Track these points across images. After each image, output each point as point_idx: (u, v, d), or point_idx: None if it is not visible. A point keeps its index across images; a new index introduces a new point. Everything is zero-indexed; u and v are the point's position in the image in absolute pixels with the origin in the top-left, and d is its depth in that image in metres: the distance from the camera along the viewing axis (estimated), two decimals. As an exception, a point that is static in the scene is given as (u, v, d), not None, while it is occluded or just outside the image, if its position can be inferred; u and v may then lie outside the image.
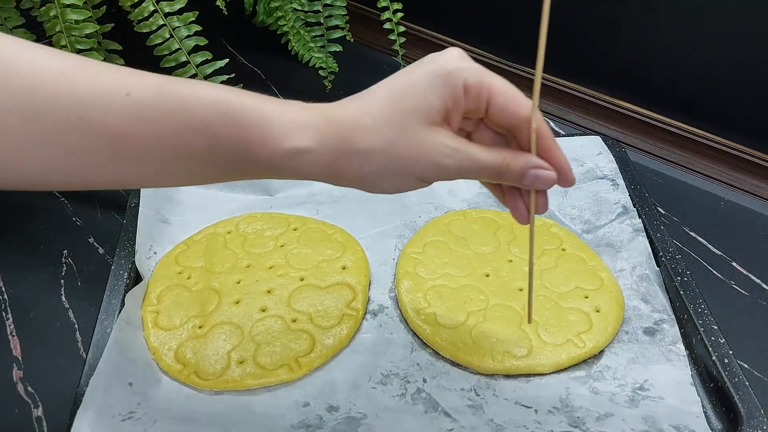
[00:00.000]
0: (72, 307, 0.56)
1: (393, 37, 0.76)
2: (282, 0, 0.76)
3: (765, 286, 0.58)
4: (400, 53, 0.77)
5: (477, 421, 0.45)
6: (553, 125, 0.77)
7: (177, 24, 0.63)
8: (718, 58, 0.66)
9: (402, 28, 0.76)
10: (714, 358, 0.47)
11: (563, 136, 0.67)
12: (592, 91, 0.76)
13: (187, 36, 0.64)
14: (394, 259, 0.58)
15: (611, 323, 0.51)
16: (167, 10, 0.63)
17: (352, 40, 0.82)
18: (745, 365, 0.51)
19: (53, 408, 0.49)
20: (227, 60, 0.66)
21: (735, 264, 0.60)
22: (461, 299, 0.53)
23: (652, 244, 0.56)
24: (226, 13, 0.69)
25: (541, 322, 0.51)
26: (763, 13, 0.61)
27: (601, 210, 0.61)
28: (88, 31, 0.62)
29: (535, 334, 0.50)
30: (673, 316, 0.51)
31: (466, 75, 0.36)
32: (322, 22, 0.80)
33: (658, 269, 0.55)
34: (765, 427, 0.43)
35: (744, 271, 0.59)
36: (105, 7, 0.64)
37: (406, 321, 0.52)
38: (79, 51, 0.62)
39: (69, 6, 0.61)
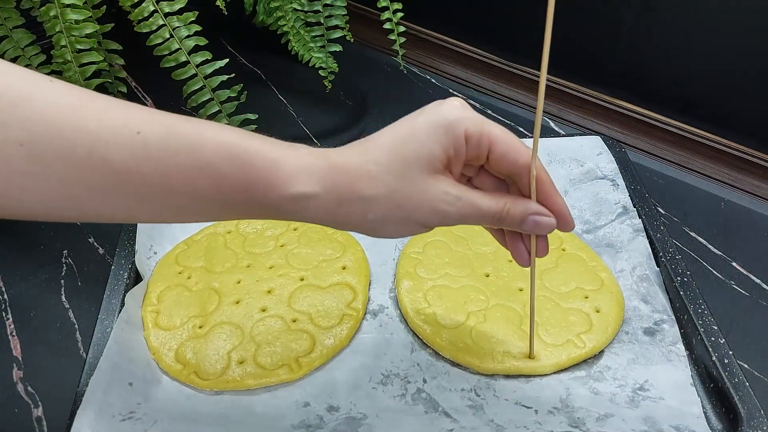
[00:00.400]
0: (72, 307, 0.56)
1: (393, 37, 0.76)
2: (282, 0, 0.76)
3: (765, 286, 0.58)
4: (400, 53, 0.77)
5: (477, 421, 0.45)
6: (553, 125, 0.77)
7: (177, 24, 0.63)
8: (718, 58, 0.66)
9: (402, 28, 0.76)
10: (714, 358, 0.47)
11: (563, 136, 0.67)
12: (592, 91, 0.76)
13: (187, 36, 0.64)
14: (394, 259, 0.58)
15: (611, 323, 0.51)
16: (167, 10, 0.63)
17: (352, 40, 0.82)
18: (745, 365, 0.51)
19: (53, 408, 0.49)
20: (227, 60, 0.66)
21: (735, 264, 0.60)
22: (461, 299, 0.53)
23: (652, 244, 0.56)
24: (226, 13, 0.69)
25: (541, 323, 0.51)
26: (763, 13, 0.61)
27: (601, 210, 0.61)
28: (88, 31, 0.62)
29: (535, 334, 0.50)
30: (673, 317, 0.51)
31: (467, 125, 0.37)
32: (322, 22, 0.80)
33: (658, 269, 0.55)
34: (765, 427, 0.43)
35: (744, 271, 0.59)
36: (105, 7, 0.64)
37: (406, 321, 0.52)
38: (79, 51, 0.62)
39: (69, 6, 0.60)
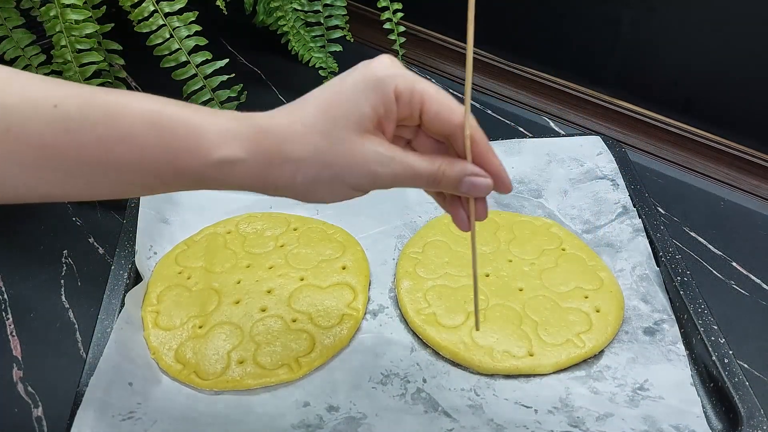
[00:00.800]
0: (72, 307, 0.56)
1: (393, 37, 0.77)
2: (282, 0, 0.76)
3: (765, 286, 0.58)
4: (400, 53, 0.77)
5: (477, 421, 0.45)
6: (553, 125, 0.77)
7: (177, 24, 0.63)
8: (718, 58, 0.66)
9: (402, 28, 0.76)
10: (714, 358, 0.47)
11: (563, 136, 0.67)
12: (592, 91, 0.76)
13: (187, 36, 0.64)
14: (394, 259, 0.58)
15: (611, 323, 0.51)
16: (167, 10, 0.63)
17: (352, 40, 0.82)
18: (745, 365, 0.51)
19: (53, 408, 0.49)
20: (227, 60, 0.66)
21: (735, 264, 0.60)
22: (461, 299, 0.53)
23: (652, 244, 0.56)
24: (226, 13, 0.69)
25: (541, 322, 0.51)
26: (763, 13, 0.61)
27: (601, 210, 0.61)
28: (88, 31, 0.62)
29: (535, 334, 0.50)
30: (673, 316, 0.51)
31: (397, 82, 0.35)
32: (322, 22, 0.80)
33: (658, 269, 0.55)
34: (765, 427, 0.43)
35: (744, 271, 0.59)
36: (105, 7, 0.64)
37: (406, 321, 0.52)
38: (79, 51, 0.62)
39: (69, 6, 0.61)
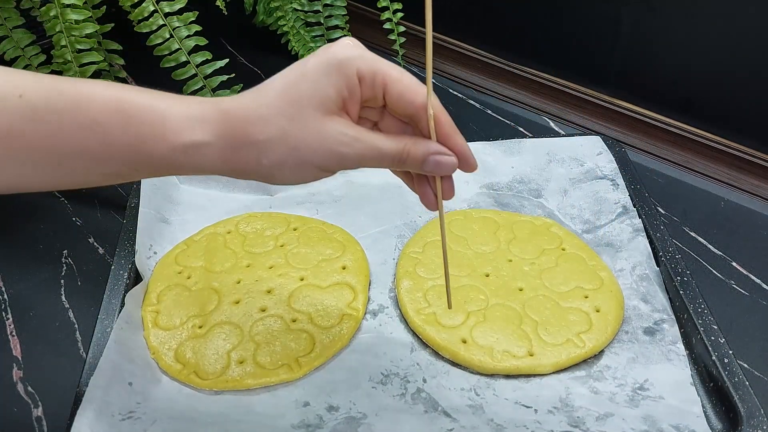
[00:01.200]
0: (72, 307, 0.56)
1: (393, 37, 0.77)
2: (282, 0, 0.76)
3: (765, 286, 0.58)
4: (400, 53, 0.77)
5: (477, 420, 0.45)
6: (553, 125, 0.77)
7: (177, 24, 0.63)
8: (718, 58, 0.66)
9: (402, 28, 0.76)
10: (714, 357, 0.47)
11: (563, 136, 0.67)
12: (592, 91, 0.76)
13: (187, 36, 0.64)
14: (394, 258, 0.58)
15: (611, 323, 0.51)
16: (167, 10, 0.63)
17: (352, 40, 0.82)
18: (745, 365, 0.51)
19: (53, 408, 0.49)
20: (227, 60, 0.66)
21: (735, 264, 0.60)
22: (461, 299, 0.53)
23: (652, 244, 0.56)
24: (226, 13, 0.69)
25: (541, 322, 0.51)
26: (763, 13, 0.61)
27: (601, 210, 0.61)
28: (88, 31, 0.62)
29: (535, 334, 0.50)
30: (673, 316, 0.51)
31: (359, 64, 0.36)
32: (322, 22, 0.80)
33: (658, 269, 0.55)
34: (765, 427, 0.43)
35: (744, 271, 0.59)
36: (105, 7, 0.64)
37: (406, 321, 0.52)
38: (79, 51, 0.62)
39: (69, 6, 0.61)
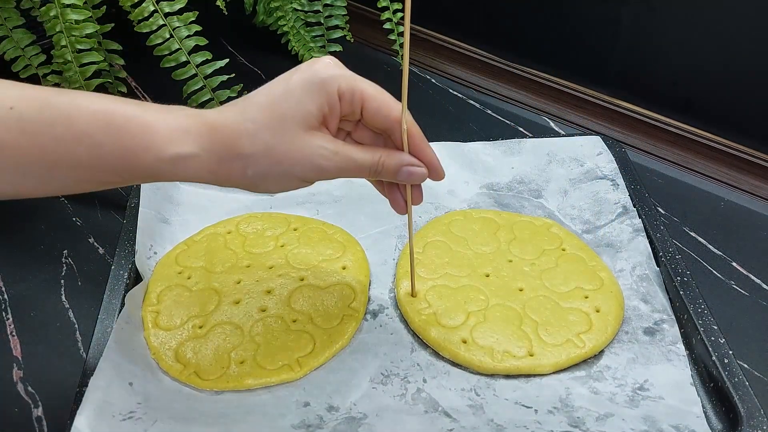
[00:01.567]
0: (72, 307, 0.56)
1: (393, 37, 0.77)
2: (282, 0, 0.76)
3: (765, 286, 0.58)
4: (400, 53, 0.77)
5: (477, 421, 0.45)
6: (553, 125, 0.77)
7: (177, 24, 0.64)
8: (718, 58, 0.66)
9: (402, 28, 0.76)
10: (714, 358, 0.47)
11: (563, 136, 0.67)
12: (592, 91, 0.76)
13: (187, 36, 0.64)
14: (394, 259, 0.58)
15: (611, 323, 0.51)
16: (167, 10, 0.63)
17: (352, 40, 0.82)
18: (745, 365, 0.51)
19: (53, 408, 0.49)
20: (227, 60, 0.66)
21: (735, 264, 0.60)
22: (461, 299, 0.53)
23: (652, 244, 0.56)
24: (226, 13, 0.69)
25: (541, 322, 0.51)
26: (762, 13, 0.62)
27: (601, 210, 0.61)
28: (88, 31, 0.62)
29: (535, 334, 0.50)
30: (673, 316, 0.51)
31: (340, 82, 0.39)
32: (322, 22, 0.80)
33: (658, 269, 0.55)
34: (765, 427, 0.43)
35: (744, 271, 0.59)
36: (105, 7, 0.64)
37: (406, 321, 0.52)
38: (80, 51, 0.62)
39: (69, 6, 0.61)
